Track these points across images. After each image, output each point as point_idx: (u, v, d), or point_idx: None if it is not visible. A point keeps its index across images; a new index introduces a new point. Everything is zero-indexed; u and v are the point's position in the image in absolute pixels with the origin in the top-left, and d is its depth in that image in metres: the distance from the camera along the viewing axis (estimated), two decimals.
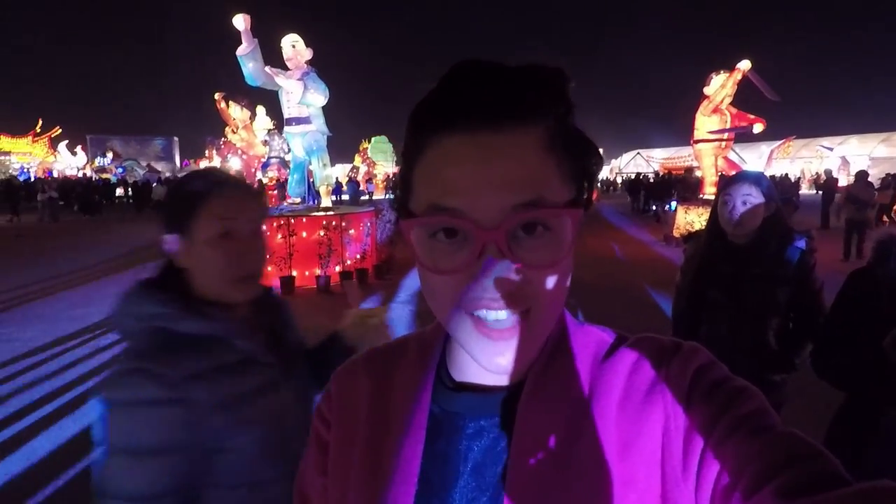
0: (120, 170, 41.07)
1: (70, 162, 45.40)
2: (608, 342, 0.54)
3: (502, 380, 0.52)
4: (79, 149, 47.43)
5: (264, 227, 1.09)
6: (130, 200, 26.99)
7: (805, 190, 27.34)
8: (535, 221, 0.44)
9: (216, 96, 18.97)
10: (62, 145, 45.46)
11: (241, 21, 7.76)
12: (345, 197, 24.84)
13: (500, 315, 0.45)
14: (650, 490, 0.45)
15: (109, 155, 45.70)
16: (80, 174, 40.72)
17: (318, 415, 0.61)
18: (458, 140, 0.43)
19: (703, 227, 2.26)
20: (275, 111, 10.57)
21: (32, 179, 33.77)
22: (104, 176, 37.46)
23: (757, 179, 2.03)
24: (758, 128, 10.72)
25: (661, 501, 0.45)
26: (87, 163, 46.22)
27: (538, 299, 0.45)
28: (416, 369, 0.56)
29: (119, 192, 32.29)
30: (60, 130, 43.49)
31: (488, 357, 0.46)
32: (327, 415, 0.59)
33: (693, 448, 0.44)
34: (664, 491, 0.45)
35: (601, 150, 0.51)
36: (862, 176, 10.37)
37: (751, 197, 1.96)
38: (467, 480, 0.49)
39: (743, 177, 2.06)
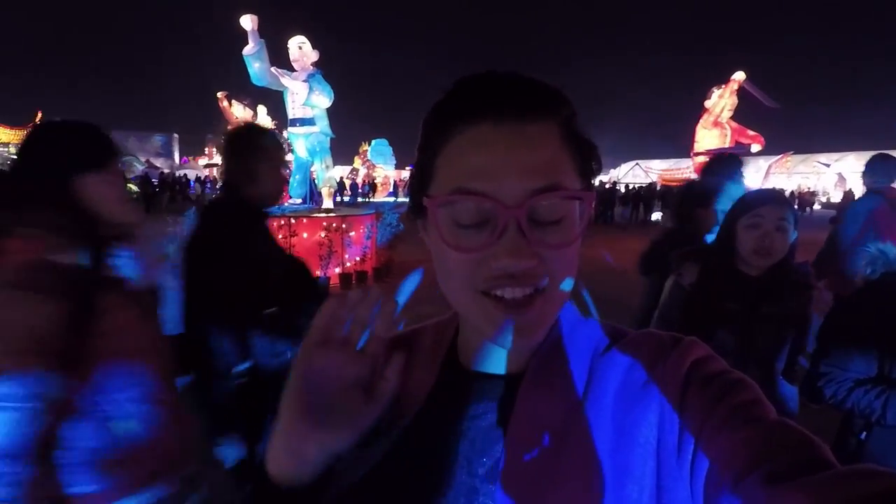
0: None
1: None
2: (609, 335, 0.55)
3: (505, 368, 0.54)
4: None
5: None
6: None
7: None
8: (553, 205, 0.47)
9: (218, 95, 18.97)
10: None
11: (248, 21, 7.92)
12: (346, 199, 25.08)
13: (517, 293, 0.47)
14: (646, 479, 0.46)
15: None
16: None
17: None
18: (485, 128, 0.46)
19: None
20: (276, 111, 10.62)
21: None
22: None
23: (788, 200, 1.68)
24: (755, 148, 10.86)
25: (656, 490, 0.46)
26: None
27: (552, 277, 0.47)
28: (432, 354, 0.59)
29: None
30: None
31: (504, 334, 0.48)
32: None
33: (687, 438, 0.45)
34: (660, 480, 0.46)
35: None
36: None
37: (785, 222, 1.59)
38: (468, 460, 0.51)
39: (774, 196, 1.66)
